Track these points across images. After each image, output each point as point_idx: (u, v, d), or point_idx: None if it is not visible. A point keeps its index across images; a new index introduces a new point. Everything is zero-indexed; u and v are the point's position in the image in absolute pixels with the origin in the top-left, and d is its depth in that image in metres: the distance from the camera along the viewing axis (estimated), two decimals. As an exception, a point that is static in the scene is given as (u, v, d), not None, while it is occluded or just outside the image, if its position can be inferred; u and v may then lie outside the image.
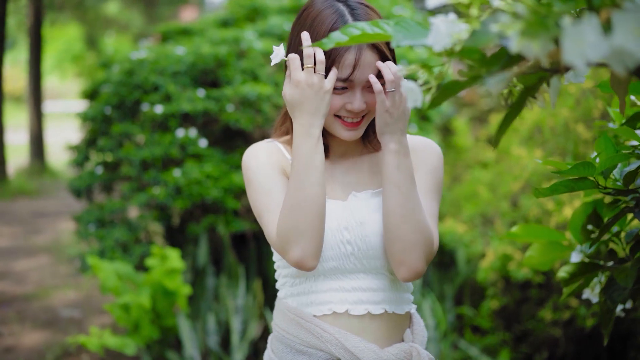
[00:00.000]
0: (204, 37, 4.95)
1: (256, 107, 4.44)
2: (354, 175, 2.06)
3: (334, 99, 1.91)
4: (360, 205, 1.98)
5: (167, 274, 4.08)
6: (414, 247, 1.90)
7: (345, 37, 1.41)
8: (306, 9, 1.97)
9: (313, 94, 1.83)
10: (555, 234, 2.49)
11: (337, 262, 1.94)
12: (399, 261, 1.89)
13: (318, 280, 1.97)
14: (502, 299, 4.65)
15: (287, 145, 2.07)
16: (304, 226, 1.83)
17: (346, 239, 1.93)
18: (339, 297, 1.95)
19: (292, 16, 5.15)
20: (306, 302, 1.98)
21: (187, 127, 4.52)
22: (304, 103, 1.84)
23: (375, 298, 1.97)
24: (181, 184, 4.32)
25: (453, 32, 1.32)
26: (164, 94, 4.52)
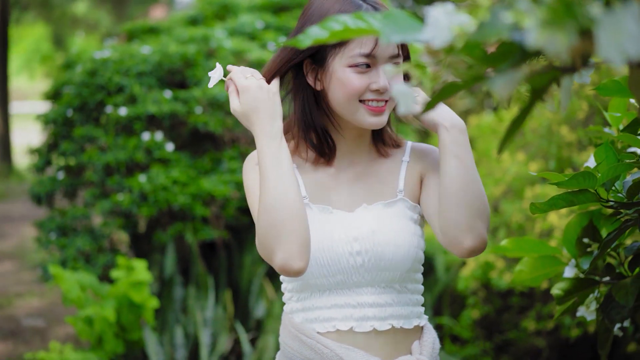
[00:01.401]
0: (172, 36, 4.74)
1: (226, 109, 4.24)
2: (363, 185, 1.96)
3: (358, 78, 1.82)
4: (372, 216, 1.90)
5: (133, 286, 3.90)
6: (480, 214, 1.83)
7: (324, 33, 1.22)
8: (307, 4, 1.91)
9: (266, 96, 1.78)
10: (548, 247, 2.34)
11: (345, 276, 1.87)
12: (467, 228, 1.80)
13: (323, 296, 1.90)
14: (483, 308, 4.49)
15: None
16: (280, 229, 1.76)
17: (356, 250, 1.86)
18: (344, 313, 1.88)
19: (263, 14, 4.96)
20: (311, 318, 1.91)
21: (153, 130, 4.30)
22: (260, 107, 1.78)
23: (382, 314, 1.89)
24: (147, 190, 4.11)
25: (453, 24, 1.13)
26: (129, 95, 4.30)
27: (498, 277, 4.22)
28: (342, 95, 1.84)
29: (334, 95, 1.86)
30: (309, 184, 1.94)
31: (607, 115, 2.13)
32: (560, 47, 0.95)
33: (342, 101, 1.84)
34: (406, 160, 1.99)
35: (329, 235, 1.86)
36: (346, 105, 1.84)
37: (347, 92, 1.83)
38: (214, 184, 4.15)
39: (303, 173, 1.94)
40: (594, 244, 2.18)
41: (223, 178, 4.19)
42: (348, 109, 1.85)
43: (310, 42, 1.18)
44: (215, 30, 4.58)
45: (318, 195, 1.93)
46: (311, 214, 1.89)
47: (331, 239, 1.86)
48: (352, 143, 1.95)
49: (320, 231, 1.86)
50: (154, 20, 12.30)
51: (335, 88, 1.84)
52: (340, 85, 1.83)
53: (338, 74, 1.83)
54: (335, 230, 1.87)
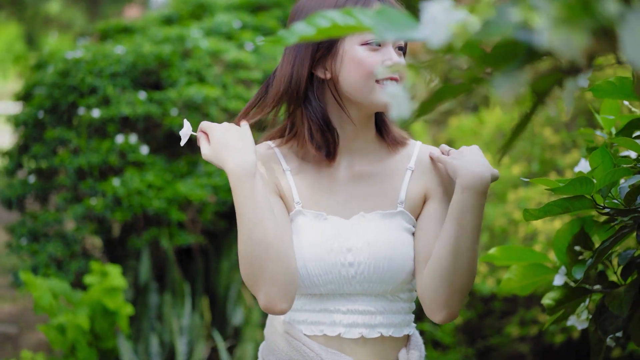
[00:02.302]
0: (146, 36, 4.62)
1: (203, 110, 4.12)
2: (361, 192, 1.89)
3: (371, 56, 1.76)
4: (369, 227, 1.84)
5: (107, 293, 3.78)
6: (463, 292, 1.83)
7: (311, 29, 1.13)
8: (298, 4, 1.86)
9: (235, 131, 1.75)
10: (537, 255, 2.28)
11: (336, 286, 1.82)
12: (443, 304, 1.81)
13: (313, 299, 1.85)
14: (466, 313, 4.41)
15: (284, 147, 1.91)
16: (260, 273, 1.72)
17: (349, 262, 1.81)
18: (332, 319, 1.84)
19: (240, 13, 4.85)
20: (299, 319, 1.87)
21: (127, 133, 4.18)
22: (229, 141, 1.72)
23: (371, 321, 1.84)
24: (121, 195, 3.99)
25: (452, 22, 1.04)
26: (102, 96, 4.18)
27: (481, 283, 4.15)
28: (357, 74, 1.78)
29: (347, 77, 1.80)
30: (306, 186, 1.87)
31: (599, 117, 2.06)
32: (575, 47, 0.86)
33: (358, 81, 1.79)
34: (411, 169, 1.92)
35: (322, 245, 1.81)
36: (362, 85, 1.78)
37: (364, 70, 1.77)
38: (190, 187, 4.03)
39: (300, 175, 1.88)
40: (585, 252, 2.14)
41: (200, 182, 4.08)
42: (363, 89, 1.79)
43: (295, 39, 1.10)
44: (190, 30, 4.46)
45: (314, 199, 1.87)
46: (305, 221, 1.84)
47: (324, 249, 1.80)
48: (355, 139, 1.88)
49: (313, 239, 1.81)
50: (128, 20, 12.17)
51: (349, 69, 1.79)
52: (356, 64, 1.78)
53: (351, 53, 1.78)
54: (329, 240, 1.81)
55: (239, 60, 4.30)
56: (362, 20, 1.14)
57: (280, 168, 1.87)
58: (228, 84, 4.25)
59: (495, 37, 0.95)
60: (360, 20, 1.14)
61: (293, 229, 1.84)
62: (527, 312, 4.20)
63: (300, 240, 1.82)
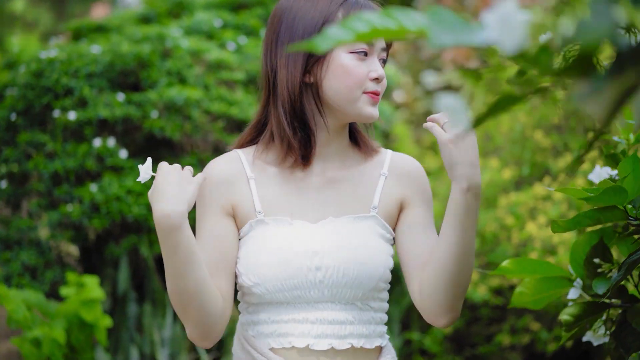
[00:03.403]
0: (123, 35, 4.44)
1: (184, 112, 3.96)
2: (333, 197, 1.86)
3: (359, 66, 1.76)
4: (338, 230, 1.81)
5: (84, 305, 3.63)
6: (464, 293, 1.83)
7: (347, 34, 1.01)
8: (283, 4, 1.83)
9: (177, 178, 1.67)
10: (554, 268, 2.19)
11: (302, 291, 1.78)
12: (449, 308, 1.80)
13: (280, 309, 1.80)
14: (456, 322, 4.30)
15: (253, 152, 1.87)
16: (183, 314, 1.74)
17: (315, 265, 1.77)
18: (301, 329, 1.79)
19: (221, 12, 4.69)
20: (266, 332, 1.80)
21: (104, 136, 4.00)
22: (165, 187, 1.65)
23: (341, 332, 1.80)
24: (99, 201, 3.81)
25: (526, 23, 0.92)
26: (78, 98, 3.99)
27: (472, 290, 4.04)
28: (344, 83, 1.77)
29: (333, 84, 1.78)
30: (272, 193, 1.84)
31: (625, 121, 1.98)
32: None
33: (343, 90, 1.78)
34: (384, 175, 1.90)
35: (286, 248, 1.78)
36: (347, 93, 1.78)
37: (351, 79, 1.77)
38: (171, 193, 3.88)
39: (266, 182, 1.85)
40: (605, 265, 2.04)
41: (181, 187, 3.92)
42: (348, 97, 1.78)
43: (329, 44, 0.99)
44: (170, 29, 4.30)
45: (279, 205, 1.84)
46: (266, 228, 1.81)
47: (288, 252, 1.77)
48: (327, 144, 1.86)
49: (275, 244, 1.79)
50: (96, 19, 11.95)
51: (335, 75, 1.78)
52: (343, 72, 1.77)
53: (339, 60, 1.77)
54: (294, 243, 1.78)
55: (221, 60, 4.14)
56: (405, 22, 1.01)
57: (243, 177, 1.84)
58: (210, 85, 4.09)
59: (592, 41, 0.82)
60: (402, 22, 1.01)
61: (253, 237, 1.81)
62: (518, 320, 4.10)
63: (261, 246, 1.79)
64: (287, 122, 1.80)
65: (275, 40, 1.83)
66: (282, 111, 1.80)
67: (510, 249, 3.95)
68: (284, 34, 1.81)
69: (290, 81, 1.79)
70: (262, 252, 1.79)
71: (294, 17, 1.80)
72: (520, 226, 3.90)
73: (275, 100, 1.82)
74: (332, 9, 1.78)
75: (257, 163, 1.86)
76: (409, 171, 1.91)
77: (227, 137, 4.05)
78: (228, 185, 1.83)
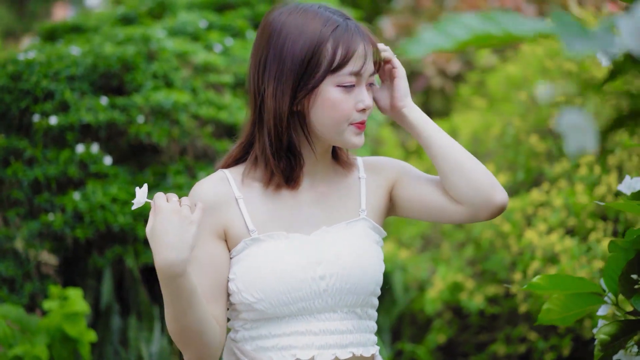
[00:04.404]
0: (103, 36, 4.26)
1: (172, 117, 3.80)
2: (323, 207, 1.90)
3: (345, 100, 1.78)
4: (334, 238, 1.86)
5: (68, 319, 3.47)
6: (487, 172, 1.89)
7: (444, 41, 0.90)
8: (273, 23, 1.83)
9: (178, 221, 1.64)
10: (588, 284, 2.09)
11: (307, 303, 1.80)
12: (491, 184, 1.86)
13: (282, 323, 1.82)
14: (448, 331, 4.19)
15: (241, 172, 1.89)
16: (182, 347, 1.77)
17: (319, 275, 1.80)
18: (305, 341, 1.81)
19: (205, 12, 4.54)
20: (266, 346, 1.82)
21: (88, 142, 3.82)
22: (168, 232, 1.63)
23: (343, 341, 1.84)
24: (82, 209, 3.63)
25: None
26: (59, 102, 3.81)
27: (468, 299, 3.93)
28: (331, 116, 1.80)
29: (320, 116, 1.81)
30: (262, 211, 1.86)
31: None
32: None
33: (330, 123, 1.81)
34: (363, 177, 1.96)
35: (288, 261, 1.80)
36: (334, 127, 1.81)
37: (338, 114, 1.80)
38: (158, 201, 3.70)
39: (256, 201, 1.86)
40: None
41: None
42: (334, 131, 1.82)
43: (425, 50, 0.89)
44: (154, 30, 4.13)
45: (272, 222, 1.86)
46: (261, 245, 1.82)
47: (291, 264, 1.79)
48: (315, 164, 1.90)
49: (276, 258, 1.80)
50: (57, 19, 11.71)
51: (322, 108, 1.80)
52: (330, 106, 1.79)
53: (326, 93, 1.79)
54: (294, 256, 1.81)
55: (209, 62, 3.99)
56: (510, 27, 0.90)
57: (232, 198, 1.85)
58: (198, 88, 3.93)
59: None
60: (506, 27, 0.90)
61: (249, 255, 1.81)
62: (513, 329, 4.01)
63: (261, 262, 1.79)
64: (271, 152, 1.81)
65: (264, 61, 1.82)
66: (267, 140, 1.81)
67: (508, 257, 3.85)
68: (272, 61, 1.80)
69: (278, 112, 1.79)
70: (262, 268, 1.79)
71: (282, 45, 1.79)
72: (517, 233, 3.81)
73: (261, 127, 1.83)
74: (322, 38, 1.77)
75: (246, 182, 1.87)
76: (381, 164, 1.99)
77: (215, 142, 3.90)
78: (217, 208, 1.83)
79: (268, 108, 1.80)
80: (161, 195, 1.68)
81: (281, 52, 1.79)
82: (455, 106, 6.00)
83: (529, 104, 4.18)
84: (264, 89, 1.81)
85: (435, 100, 6.35)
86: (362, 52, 1.78)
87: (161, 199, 1.67)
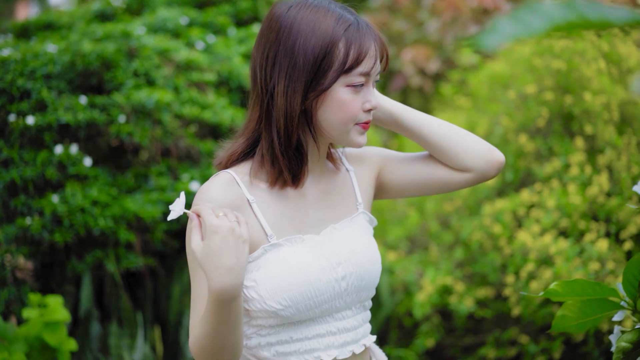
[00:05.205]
0: (80, 33, 4.11)
1: (154, 117, 3.66)
2: (328, 203, 1.90)
3: (354, 101, 1.76)
4: (344, 236, 1.86)
5: (47, 327, 3.32)
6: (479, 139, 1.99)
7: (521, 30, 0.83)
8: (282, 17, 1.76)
9: (233, 242, 1.57)
10: (606, 289, 2.04)
11: (329, 304, 1.80)
12: (487, 146, 1.96)
13: (302, 326, 1.80)
14: (436, 335, 4.11)
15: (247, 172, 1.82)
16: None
17: (340, 276, 1.79)
18: (326, 342, 1.82)
19: (185, 9, 4.41)
20: (287, 351, 1.79)
21: (66, 143, 3.66)
22: (223, 254, 1.55)
23: (357, 336, 1.87)
24: (61, 213, 3.48)
25: None
26: (36, 101, 3.65)
27: (458, 302, 3.85)
28: (338, 117, 1.77)
29: (328, 116, 1.77)
30: (275, 213, 1.82)
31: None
32: None
33: (337, 123, 1.78)
34: (351, 170, 1.97)
35: (309, 266, 1.76)
36: (340, 127, 1.78)
37: (347, 114, 1.77)
38: (140, 204, 3.57)
39: (267, 202, 1.81)
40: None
41: (150, 197, 3.62)
42: (341, 130, 1.79)
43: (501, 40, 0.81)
44: (134, 27, 3.98)
45: (285, 225, 1.81)
46: (281, 251, 1.77)
47: (315, 268, 1.76)
48: (316, 162, 1.88)
49: (298, 264, 1.76)
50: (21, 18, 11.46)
51: (331, 109, 1.76)
52: (339, 106, 1.76)
53: (336, 94, 1.75)
54: (315, 259, 1.78)
55: (191, 60, 3.86)
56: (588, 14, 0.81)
57: (244, 201, 1.78)
58: (180, 87, 3.80)
59: None
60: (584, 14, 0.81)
61: (269, 261, 1.76)
62: (503, 332, 3.94)
63: (284, 269, 1.74)
64: (280, 151, 1.77)
65: (273, 57, 1.76)
66: (276, 138, 1.77)
67: (498, 259, 3.78)
68: (283, 57, 1.74)
69: (289, 112, 1.75)
70: (286, 275, 1.74)
71: (294, 41, 1.74)
72: (507, 235, 3.73)
73: (269, 125, 1.78)
74: (335, 37, 1.73)
75: (254, 182, 1.81)
76: (363, 154, 2.00)
77: (199, 143, 3.77)
78: None
79: (278, 106, 1.75)
80: (210, 211, 1.59)
81: (293, 48, 1.73)
82: (434, 105, 5.93)
83: (517, 102, 4.10)
84: (273, 85, 1.75)
85: (413, 100, 6.27)
86: (373, 52, 1.76)
87: (211, 215, 1.58)
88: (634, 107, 3.85)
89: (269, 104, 1.77)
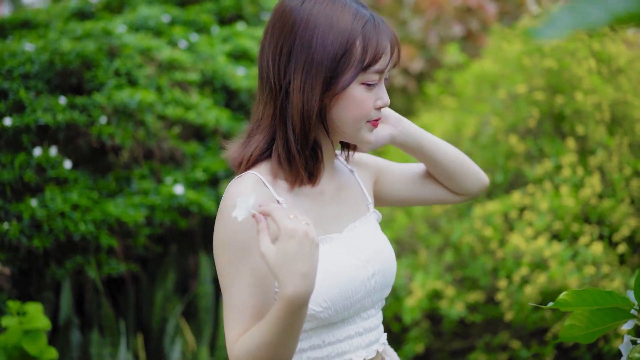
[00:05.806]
0: (59, 31, 3.98)
1: (137, 117, 3.54)
2: (344, 203, 1.87)
3: (368, 99, 1.73)
4: (366, 234, 1.84)
5: (27, 335, 3.20)
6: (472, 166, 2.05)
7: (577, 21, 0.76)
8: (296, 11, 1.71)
9: (309, 246, 1.49)
10: (617, 298, 1.96)
11: (361, 303, 1.78)
12: (479, 172, 2.04)
13: (333, 329, 1.77)
14: (425, 341, 4.02)
15: (266, 174, 1.76)
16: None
17: (371, 273, 1.79)
18: (355, 344, 1.80)
19: (167, 6, 4.29)
20: (320, 356, 1.76)
21: (45, 145, 3.54)
22: (299, 259, 1.48)
23: (378, 335, 1.87)
24: (40, 217, 3.35)
25: None
26: (13, 101, 3.52)
27: (448, 306, 3.77)
28: (352, 114, 1.73)
29: (342, 112, 1.73)
30: (302, 213, 1.72)
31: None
32: None
33: (350, 120, 1.74)
34: (353, 170, 1.96)
35: (344, 266, 1.74)
36: (353, 124, 1.75)
37: (361, 112, 1.74)
38: (121, 208, 3.45)
39: (293, 203, 1.77)
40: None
41: (132, 201, 3.50)
42: (353, 128, 1.76)
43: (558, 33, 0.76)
44: (115, 25, 3.86)
45: (314, 225, 1.76)
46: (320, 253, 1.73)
47: (349, 268, 1.74)
48: (328, 159, 1.85)
49: (333, 264, 1.72)
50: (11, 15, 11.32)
51: (345, 106, 1.73)
52: (353, 104, 1.72)
53: (352, 92, 1.72)
54: (349, 258, 1.76)
55: (174, 59, 3.75)
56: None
57: (274, 203, 1.70)
58: (163, 86, 3.68)
59: None
60: None
61: None
62: (494, 337, 3.86)
63: (322, 271, 1.68)
64: (296, 150, 1.73)
65: (287, 52, 1.70)
66: (292, 136, 1.73)
67: (490, 263, 3.70)
68: (300, 53, 1.69)
69: (306, 109, 1.71)
70: (324, 276, 1.69)
71: (311, 36, 1.69)
72: (499, 238, 3.65)
73: (283, 122, 1.73)
74: (353, 34, 1.69)
75: (277, 183, 1.77)
76: (361, 159, 1.99)
77: (183, 144, 3.66)
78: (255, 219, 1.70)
79: (294, 102, 1.70)
80: (283, 213, 1.51)
81: (310, 44, 1.68)
82: (419, 105, 5.85)
83: (507, 102, 4.03)
84: (289, 81, 1.70)
85: (396, 99, 6.19)
86: (388, 50, 1.73)
87: (286, 218, 1.51)
88: (624, 107, 3.79)
89: (283, 100, 1.71)
